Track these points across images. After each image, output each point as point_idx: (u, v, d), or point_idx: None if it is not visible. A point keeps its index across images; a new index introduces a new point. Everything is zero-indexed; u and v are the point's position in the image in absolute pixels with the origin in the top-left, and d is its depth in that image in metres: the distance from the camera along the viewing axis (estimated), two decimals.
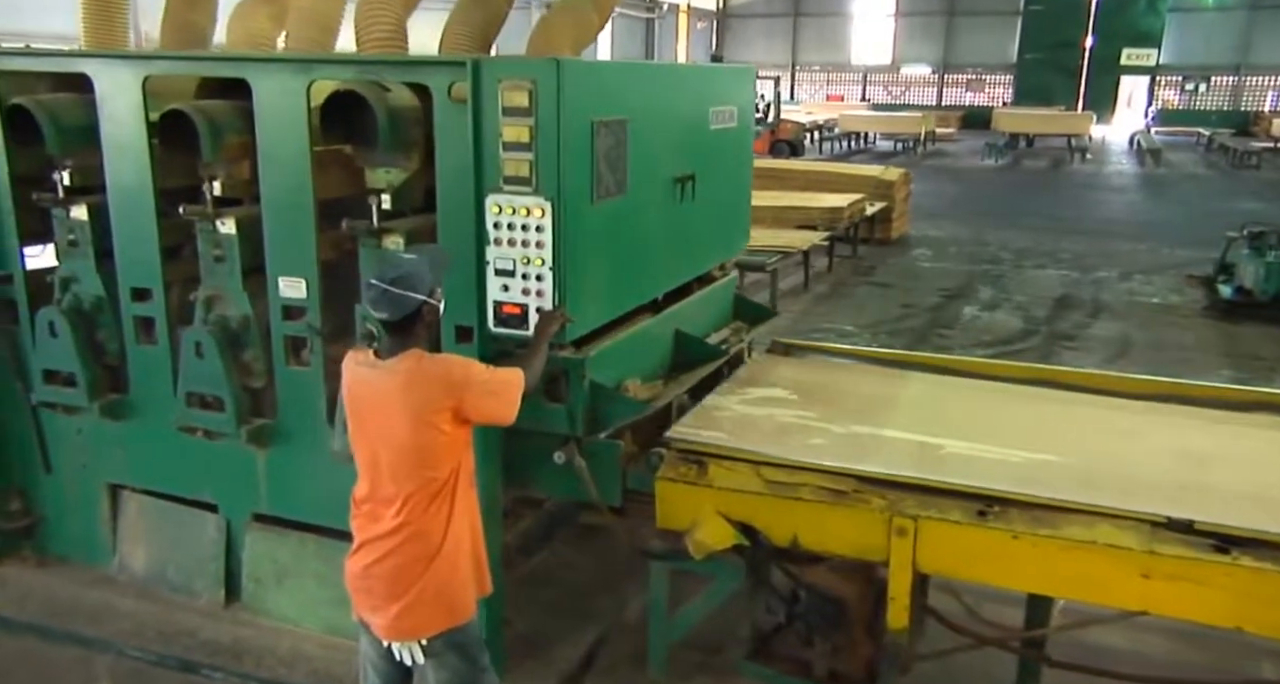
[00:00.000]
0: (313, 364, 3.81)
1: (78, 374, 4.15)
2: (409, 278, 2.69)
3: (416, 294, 2.69)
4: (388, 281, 2.68)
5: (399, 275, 2.69)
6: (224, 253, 3.88)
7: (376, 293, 2.68)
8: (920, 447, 3.48)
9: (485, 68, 3.17)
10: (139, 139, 3.84)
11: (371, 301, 2.70)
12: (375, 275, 2.73)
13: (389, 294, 2.67)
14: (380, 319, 2.72)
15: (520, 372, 2.90)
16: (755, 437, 3.55)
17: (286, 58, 3.68)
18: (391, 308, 2.67)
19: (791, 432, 3.61)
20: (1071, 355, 8.71)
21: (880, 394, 4.07)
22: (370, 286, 2.71)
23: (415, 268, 2.73)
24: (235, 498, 4.14)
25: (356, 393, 2.81)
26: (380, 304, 2.68)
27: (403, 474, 2.71)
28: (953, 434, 3.55)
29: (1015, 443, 3.45)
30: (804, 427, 3.66)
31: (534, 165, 3.19)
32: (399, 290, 2.67)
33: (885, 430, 3.63)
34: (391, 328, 2.74)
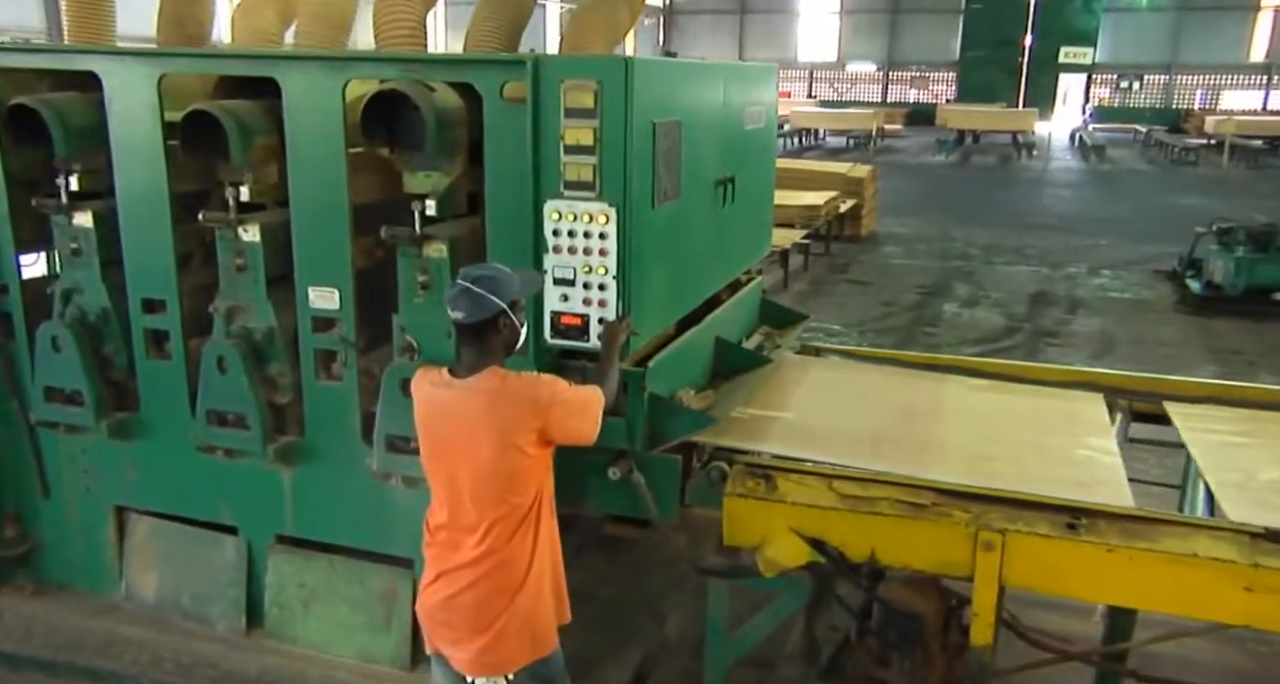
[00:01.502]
0: (346, 378, 3.62)
1: (84, 392, 3.90)
2: (494, 281, 2.54)
3: (498, 299, 2.53)
4: (472, 279, 2.52)
5: (484, 275, 2.54)
6: (247, 262, 3.66)
7: (457, 290, 2.54)
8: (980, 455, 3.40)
9: (547, 67, 3.01)
10: (153, 141, 3.61)
11: (450, 299, 2.55)
12: (462, 274, 2.58)
13: (470, 293, 2.51)
14: (456, 320, 2.56)
15: (599, 389, 2.75)
16: (810, 447, 3.44)
17: (321, 56, 3.47)
18: (470, 308, 2.52)
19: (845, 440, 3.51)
20: (1057, 352, 8.78)
21: (922, 400, 3.99)
22: (453, 285, 2.55)
23: (504, 275, 2.58)
24: (257, 519, 3.92)
25: (432, 414, 2.64)
26: (458, 302, 2.52)
27: (486, 501, 2.55)
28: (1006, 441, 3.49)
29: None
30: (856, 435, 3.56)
31: (598, 169, 3.04)
32: (480, 290, 2.52)
33: (940, 438, 3.55)
34: (467, 337, 2.58)
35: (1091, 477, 3.23)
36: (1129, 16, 42.99)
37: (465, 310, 2.52)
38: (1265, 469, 3.31)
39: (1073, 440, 3.57)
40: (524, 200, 3.16)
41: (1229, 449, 3.49)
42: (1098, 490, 3.09)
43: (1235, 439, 3.59)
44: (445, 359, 3.42)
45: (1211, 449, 3.47)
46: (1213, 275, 10.42)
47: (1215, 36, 42.03)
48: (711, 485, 3.35)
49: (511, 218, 3.22)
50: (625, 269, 3.11)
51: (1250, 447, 3.52)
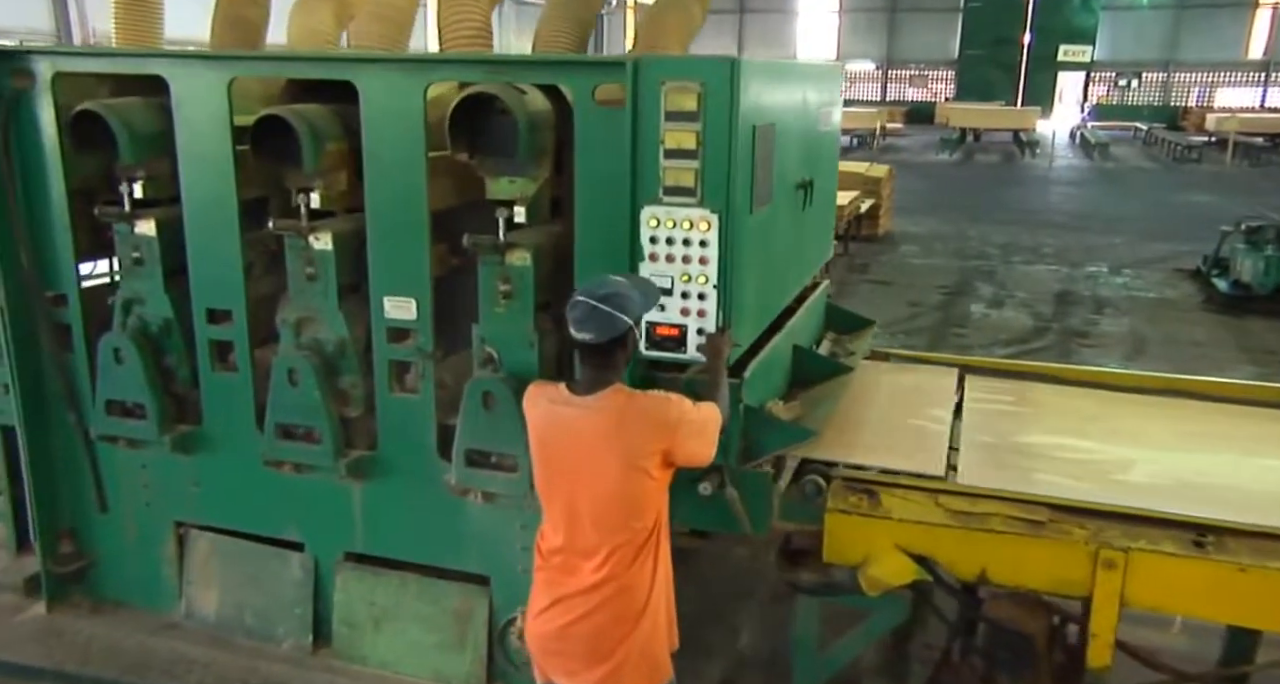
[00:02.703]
0: (422, 391, 3.51)
1: (147, 405, 3.78)
2: (621, 298, 2.43)
3: (626, 317, 2.42)
4: (598, 298, 2.41)
5: (611, 293, 2.43)
6: (318, 271, 3.54)
7: (584, 310, 2.41)
8: (1082, 465, 3.31)
9: (647, 68, 2.91)
10: (222, 147, 3.49)
11: (576, 320, 2.43)
12: (582, 291, 2.47)
13: (598, 312, 2.40)
14: (582, 341, 2.44)
15: (717, 408, 2.64)
16: (903, 459, 3.35)
17: (402, 58, 3.36)
18: (599, 328, 2.40)
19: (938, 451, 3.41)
20: (1091, 353, 8.70)
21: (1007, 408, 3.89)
22: (576, 304, 2.44)
23: (628, 290, 2.47)
24: (325, 536, 3.81)
25: (550, 433, 2.53)
26: (586, 323, 2.41)
27: (609, 524, 2.44)
28: (1102, 450, 3.40)
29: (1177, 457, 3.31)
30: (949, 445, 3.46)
31: (699, 174, 2.93)
32: (609, 309, 2.40)
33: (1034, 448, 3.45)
34: (590, 354, 2.46)
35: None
36: (1127, 14, 43.05)
37: (594, 331, 2.41)
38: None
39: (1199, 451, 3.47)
40: (617, 207, 3.06)
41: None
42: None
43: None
44: (527, 371, 3.34)
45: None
46: (1240, 274, 10.35)
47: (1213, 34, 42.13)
48: (806, 499, 3.26)
49: (603, 225, 3.11)
50: (726, 278, 3.01)
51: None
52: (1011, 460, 3.33)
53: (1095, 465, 3.32)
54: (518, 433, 3.30)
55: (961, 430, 3.62)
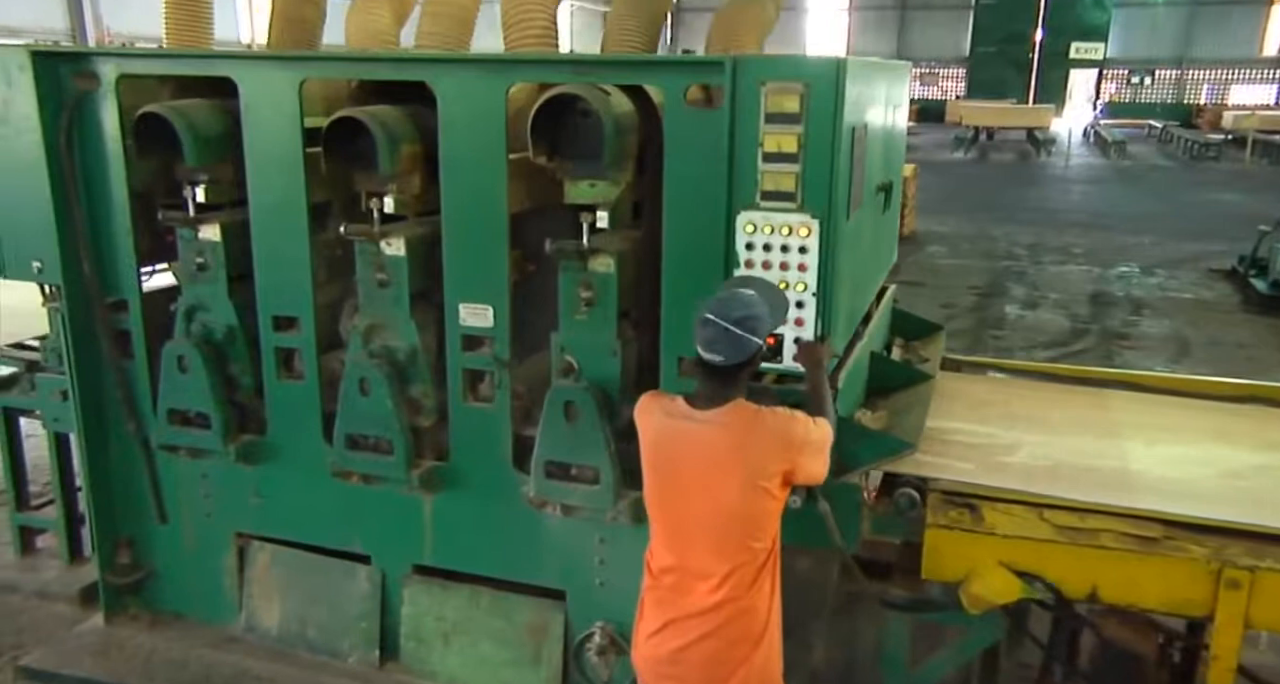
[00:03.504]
0: (497, 400, 3.41)
1: (211, 414, 3.68)
2: (755, 319, 2.33)
3: (757, 338, 2.32)
4: (732, 320, 2.31)
5: (746, 315, 2.33)
6: (389, 277, 3.45)
7: (715, 331, 2.31)
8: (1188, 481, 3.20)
9: (747, 68, 2.80)
10: (292, 149, 3.39)
11: (706, 341, 2.33)
12: (714, 310, 2.36)
13: (730, 335, 2.30)
14: (712, 362, 2.34)
15: (828, 423, 2.54)
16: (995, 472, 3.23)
17: (482, 58, 3.26)
18: (731, 350, 2.31)
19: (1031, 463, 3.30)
20: (1134, 356, 8.58)
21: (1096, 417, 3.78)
22: (707, 323, 2.34)
23: (759, 308, 2.37)
24: (393, 548, 3.71)
25: (667, 448, 2.43)
26: (718, 345, 2.31)
27: (728, 545, 2.34)
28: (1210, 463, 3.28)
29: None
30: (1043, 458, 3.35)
31: (800, 178, 2.82)
32: (741, 332, 2.30)
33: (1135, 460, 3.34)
34: (715, 373, 2.36)
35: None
36: (1140, 11, 42.80)
37: (724, 354, 2.32)
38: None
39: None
40: (709, 212, 2.95)
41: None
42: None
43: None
44: (608, 380, 3.25)
45: None
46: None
47: (1227, 31, 41.86)
48: (900, 514, 3.15)
49: (693, 231, 3.01)
50: (826, 285, 2.90)
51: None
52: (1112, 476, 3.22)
53: (1203, 481, 3.20)
54: (600, 444, 3.22)
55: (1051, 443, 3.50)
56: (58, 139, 3.52)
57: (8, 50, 3.49)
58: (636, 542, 3.35)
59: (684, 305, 3.07)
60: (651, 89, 3.24)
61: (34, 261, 3.67)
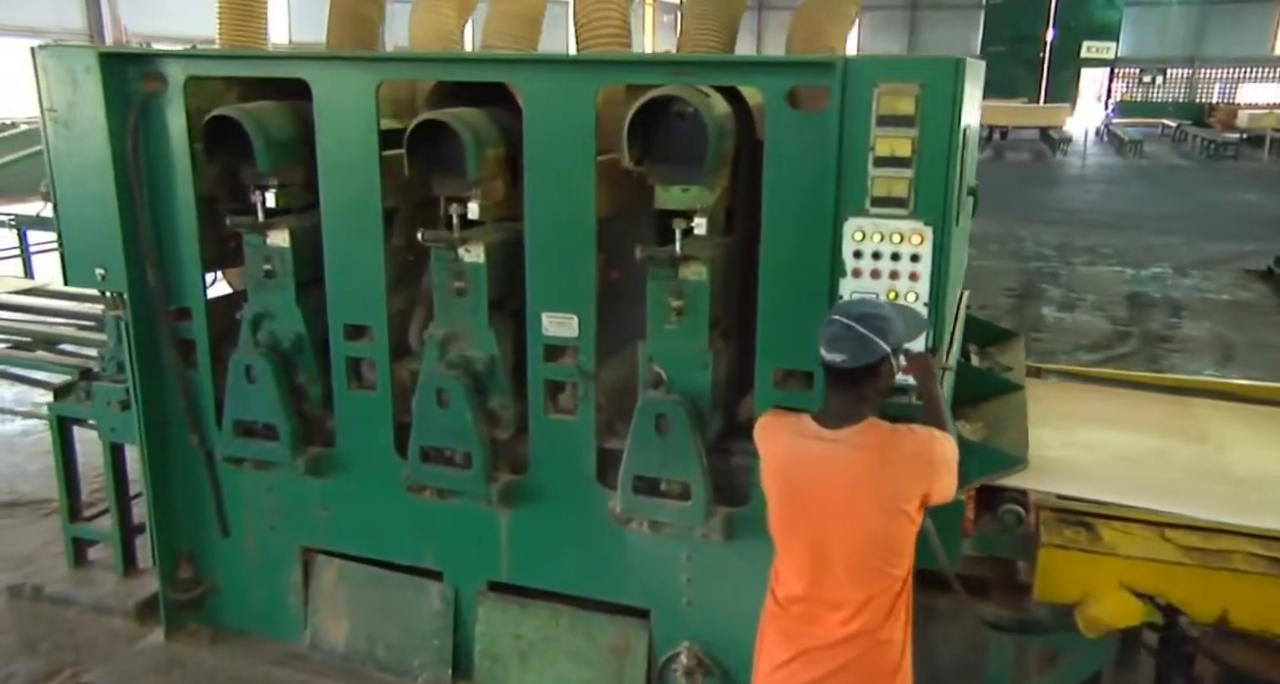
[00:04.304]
0: (580, 412, 3.29)
1: (280, 426, 3.57)
2: (881, 321, 2.21)
3: (884, 342, 2.20)
4: (855, 317, 2.20)
5: (871, 314, 2.21)
6: (468, 285, 3.33)
7: (839, 328, 2.20)
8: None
9: (859, 69, 2.68)
10: (367, 153, 3.28)
11: (829, 338, 2.21)
12: (838, 310, 2.26)
13: (854, 333, 2.18)
14: (833, 363, 2.22)
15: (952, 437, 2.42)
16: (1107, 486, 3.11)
17: (571, 59, 3.15)
18: (852, 351, 2.19)
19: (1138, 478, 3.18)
20: (1179, 359, 8.45)
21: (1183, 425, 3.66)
22: (831, 322, 2.23)
23: (888, 312, 2.26)
24: (467, 564, 3.60)
25: (796, 470, 2.31)
26: (839, 343, 2.19)
27: (865, 572, 2.22)
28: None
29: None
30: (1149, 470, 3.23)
31: (914, 183, 2.71)
32: (865, 331, 2.18)
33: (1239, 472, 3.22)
34: (840, 381, 2.24)
35: None
36: (1151, 10, 42.60)
37: (848, 353, 2.19)
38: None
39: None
40: (813, 219, 2.84)
41: None
42: None
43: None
44: (699, 392, 3.14)
45: None
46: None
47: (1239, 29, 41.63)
48: (1005, 531, 3.03)
49: (795, 238, 2.89)
50: (938, 294, 2.78)
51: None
52: (1225, 490, 3.09)
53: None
54: (692, 458, 3.11)
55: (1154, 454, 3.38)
56: (124, 142, 3.41)
57: (74, 52, 3.38)
58: (726, 559, 3.26)
59: (782, 315, 2.97)
60: (747, 90, 3.13)
61: (97, 268, 3.57)
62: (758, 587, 3.22)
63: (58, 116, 3.43)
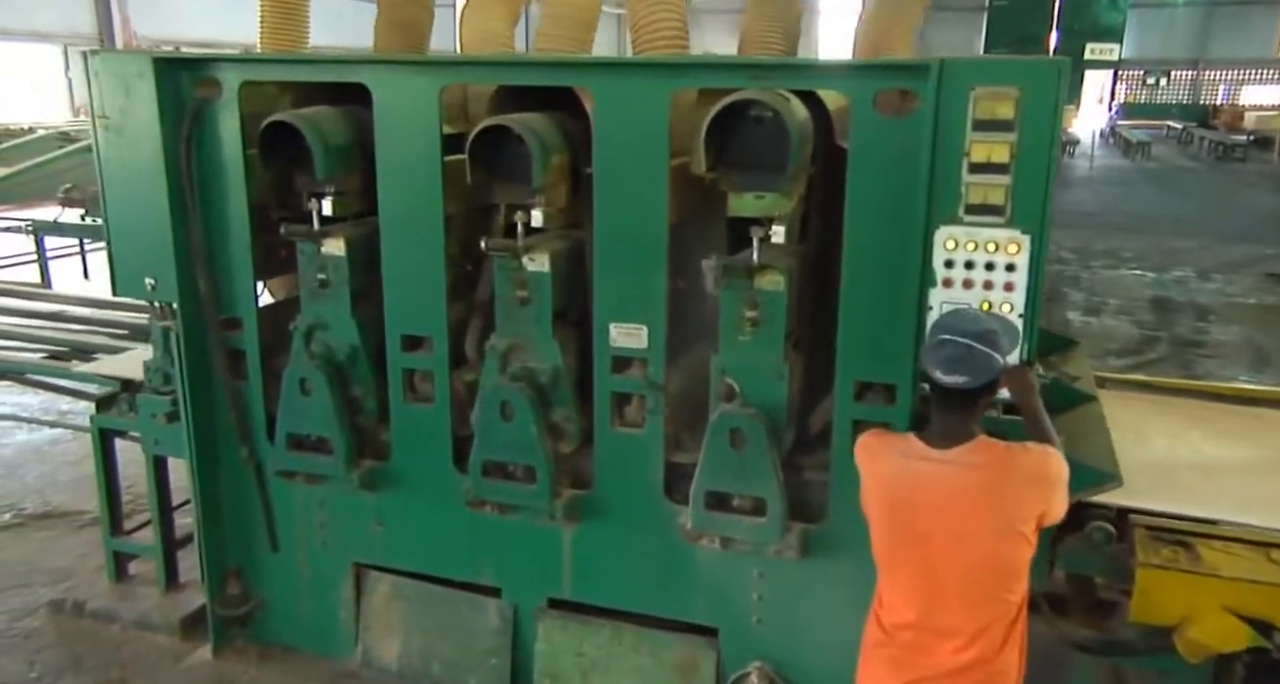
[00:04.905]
0: (649, 426, 3.20)
1: (334, 440, 3.48)
2: (993, 334, 2.13)
3: (999, 356, 2.11)
4: (972, 336, 2.10)
5: (985, 330, 2.12)
6: (531, 294, 3.24)
7: (957, 350, 2.10)
8: None
9: (955, 71, 2.59)
10: (430, 160, 3.20)
11: (946, 361, 2.11)
12: (948, 329, 2.16)
13: (975, 353, 2.09)
14: (953, 385, 2.13)
15: None
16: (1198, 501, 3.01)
17: (644, 62, 3.06)
18: (974, 371, 2.10)
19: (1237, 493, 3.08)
20: (1213, 364, 8.35)
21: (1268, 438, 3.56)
22: (944, 343, 2.13)
23: (995, 323, 2.17)
24: (527, 581, 3.51)
25: (905, 492, 2.21)
26: (959, 365, 2.10)
27: (980, 599, 2.13)
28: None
29: None
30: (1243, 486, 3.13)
31: (1011, 191, 2.61)
32: (985, 349, 2.09)
33: None
34: (954, 401, 2.15)
35: None
36: (1155, 12, 42.49)
37: (969, 374, 2.10)
38: None
39: None
40: (900, 227, 2.75)
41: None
42: None
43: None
44: (774, 406, 3.05)
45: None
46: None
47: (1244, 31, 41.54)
48: (1093, 549, 2.94)
49: (879, 247, 2.80)
50: (1033, 305, 2.69)
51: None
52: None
53: None
54: (768, 474, 3.02)
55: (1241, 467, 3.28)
56: (177, 149, 3.32)
57: (127, 57, 3.30)
58: (799, 577, 3.17)
59: (864, 326, 2.88)
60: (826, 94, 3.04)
61: (147, 279, 3.48)
62: (832, 605, 3.17)
63: (109, 123, 3.34)
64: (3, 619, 4.16)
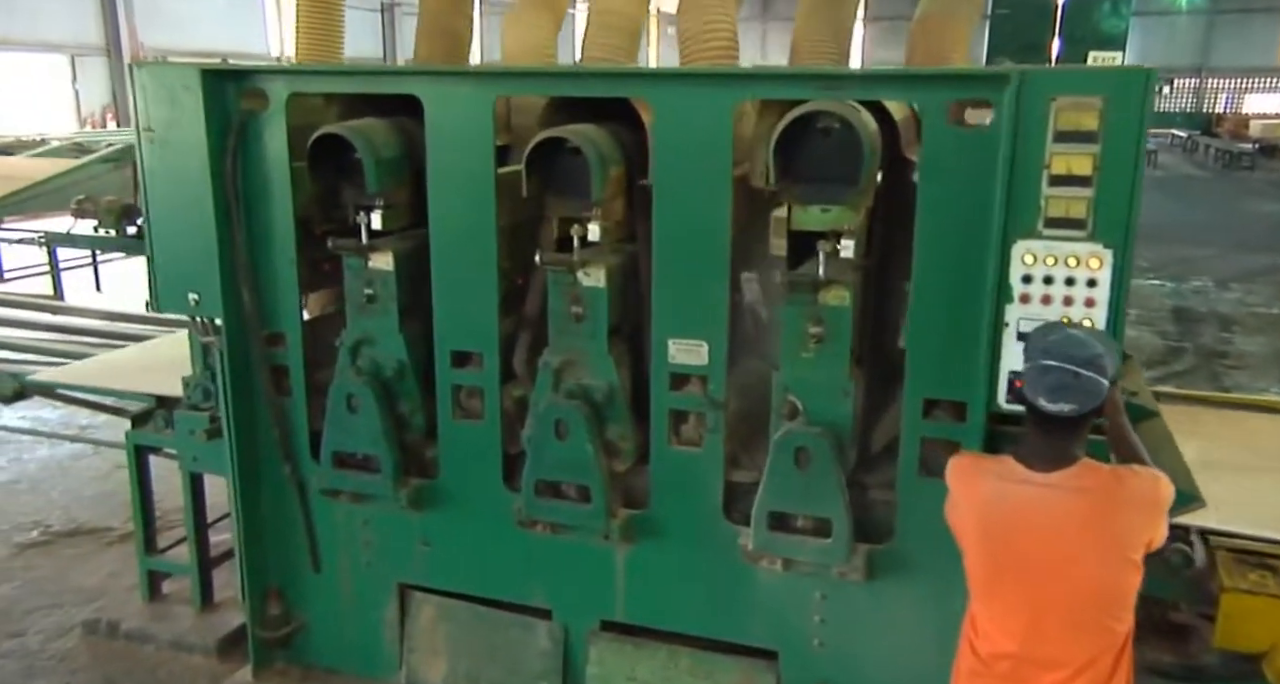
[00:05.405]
0: (708, 445, 3.12)
1: (382, 457, 3.40)
2: (1102, 358, 2.06)
3: (1106, 380, 2.04)
4: (1081, 362, 2.02)
5: (1095, 355, 2.05)
6: (586, 310, 3.17)
7: (1063, 377, 2.02)
8: None
9: (1035, 81, 2.52)
10: (482, 172, 3.13)
11: (1050, 389, 2.04)
12: (1053, 354, 2.08)
13: (1082, 380, 2.01)
14: (1059, 413, 2.05)
15: None
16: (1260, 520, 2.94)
17: (709, 72, 3.00)
18: (1082, 398, 2.03)
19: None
20: (1242, 376, 8.28)
21: None
22: (1049, 370, 2.05)
23: (1100, 345, 2.09)
24: (579, 602, 3.43)
25: (1005, 517, 2.13)
26: (1065, 393, 2.02)
27: (1087, 629, 2.05)
28: None
29: None
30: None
31: (1092, 204, 2.54)
32: (1091, 374, 2.02)
33: None
34: (1057, 426, 2.07)
35: None
36: (1158, 20, 42.54)
37: (1076, 402, 2.03)
38: None
39: None
40: (974, 241, 2.68)
41: None
42: None
43: None
44: (839, 423, 2.98)
45: None
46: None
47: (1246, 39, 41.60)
48: (1172, 572, 2.86)
49: (951, 261, 2.73)
50: (1116, 322, 2.62)
51: None
52: None
53: None
54: (835, 494, 2.95)
55: None
56: (224, 162, 3.26)
57: (174, 70, 3.23)
58: (862, 599, 3.09)
59: (934, 342, 2.81)
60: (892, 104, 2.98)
61: (190, 293, 3.41)
62: (897, 629, 3.09)
63: (155, 136, 3.27)
64: (36, 640, 4.08)
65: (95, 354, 4.95)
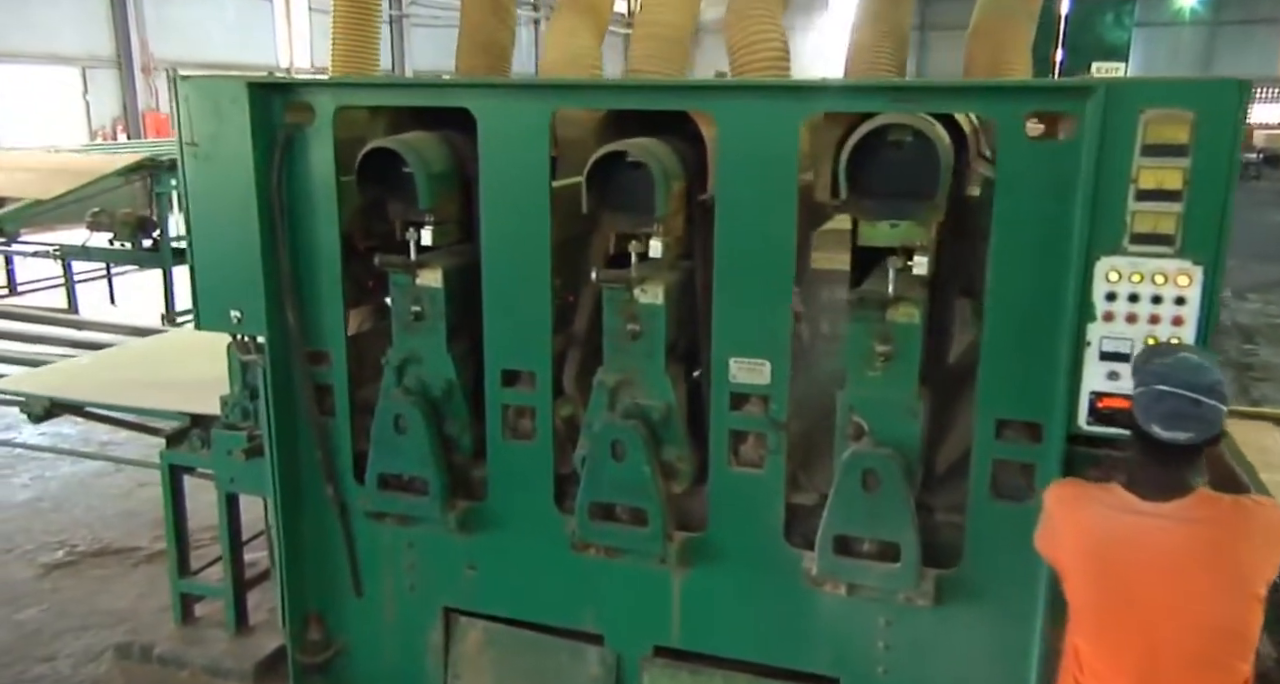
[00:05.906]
0: (769, 466, 3.04)
1: (430, 479, 3.32)
2: (1222, 384, 1.97)
3: (1225, 407, 1.96)
4: (1202, 389, 1.94)
5: (1215, 381, 1.96)
6: (643, 328, 3.09)
7: (1181, 404, 1.94)
8: None
9: (1123, 93, 2.44)
10: (538, 187, 3.05)
11: (1167, 417, 1.95)
12: (1170, 380, 1.99)
13: (1203, 408, 1.93)
14: (1175, 441, 1.96)
15: None
16: None
17: (775, 85, 2.93)
18: (1201, 426, 1.95)
19: None
20: (1269, 388, 8.21)
21: None
22: (1164, 396, 1.96)
23: (1218, 371, 2.01)
24: (632, 628, 3.33)
25: (1118, 549, 2.04)
26: (1185, 422, 1.94)
27: (1210, 668, 1.95)
28: None
29: None
30: None
31: (1182, 219, 2.46)
32: (1212, 402, 1.93)
33: None
34: (1169, 455, 1.99)
35: None
36: (1161, 31, 42.61)
37: (1197, 431, 1.95)
38: None
39: None
40: (1053, 258, 2.60)
41: None
42: None
43: None
44: (907, 445, 2.89)
45: None
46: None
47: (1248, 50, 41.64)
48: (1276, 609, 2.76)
49: (1027, 277, 2.65)
50: (1204, 342, 2.54)
51: None
52: None
53: None
54: (904, 517, 2.86)
55: None
56: (269, 177, 3.18)
57: (219, 83, 3.16)
58: (928, 625, 3.01)
59: (1008, 361, 2.73)
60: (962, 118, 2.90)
61: (233, 311, 3.33)
62: (964, 656, 3.00)
63: (198, 151, 3.20)
64: (67, 664, 4.00)
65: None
